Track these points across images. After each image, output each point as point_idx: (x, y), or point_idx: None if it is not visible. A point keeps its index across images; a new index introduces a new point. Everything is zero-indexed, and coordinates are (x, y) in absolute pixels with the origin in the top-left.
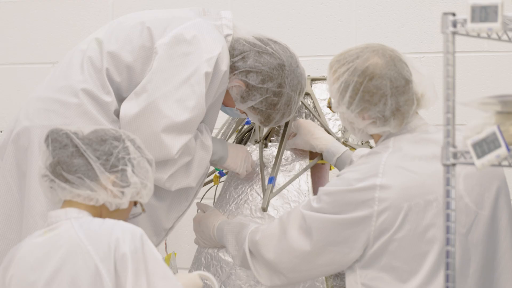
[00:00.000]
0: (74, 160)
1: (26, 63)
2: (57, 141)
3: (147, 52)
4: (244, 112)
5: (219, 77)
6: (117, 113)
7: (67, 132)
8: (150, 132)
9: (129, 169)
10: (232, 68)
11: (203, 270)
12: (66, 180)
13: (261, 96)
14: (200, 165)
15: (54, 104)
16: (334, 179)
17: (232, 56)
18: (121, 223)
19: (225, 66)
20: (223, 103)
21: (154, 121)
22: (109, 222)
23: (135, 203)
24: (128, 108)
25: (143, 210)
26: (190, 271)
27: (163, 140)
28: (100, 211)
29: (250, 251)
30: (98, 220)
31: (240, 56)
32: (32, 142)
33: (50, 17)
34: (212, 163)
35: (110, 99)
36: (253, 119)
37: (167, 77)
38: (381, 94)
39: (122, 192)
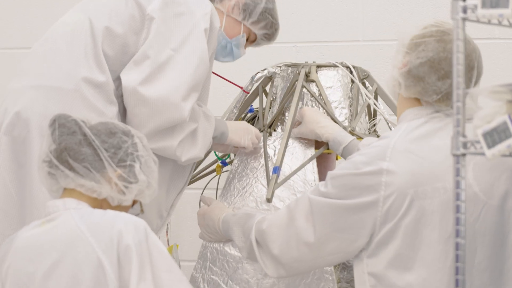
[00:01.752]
0: (82, 149)
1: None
2: (65, 126)
3: (137, 22)
4: (248, 41)
5: (215, 33)
6: (115, 93)
7: (75, 119)
8: (157, 96)
9: (137, 165)
10: None
11: (209, 265)
12: (71, 168)
13: None
14: (205, 135)
15: (50, 91)
16: (343, 163)
17: None
18: (123, 214)
19: (217, 22)
20: (229, 37)
21: (161, 85)
22: (110, 213)
23: (133, 203)
24: (131, 78)
25: (142, 211)
26: (195, 267)
27: (173, 101)
28: (101, 205)
29: (257, 241)
30: (99, 211)
31: None
32: (31, 132)
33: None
34: (215, 140)
35: (105, 78)
36: (260, 35)
37: (166, 40)
38: (430, 57)
39: (127, 188)
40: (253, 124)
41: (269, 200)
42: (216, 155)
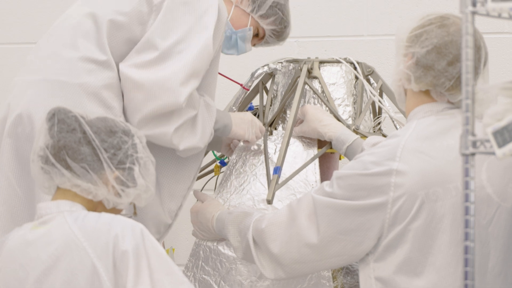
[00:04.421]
0: (81, 148)
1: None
2: (65, 123)
3: (144, 15)
4: (256, 35)
5: (222, 24)
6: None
7: (76, 115)
8: (154, 81)
9: (136, 168)
10: None
11: (201, 264)
12: (68, 167)
13: None
14: (204, 124)
15: (54, 85)
16: (351, 162)
17: None
18: (119, 218)
19: (225, 12)
20: (234, 28)
21: (159, 70)
22: (106, 217)
23: None
24: (128, 63)
25: (135, 213)
26: (187, 265)
27: (169, 86)
28: (95, 207)
29: (255, 241)
30: (93, 215)
31: None
32: (35, 129)
33: None
34: (217, 132)
35: (111, 72)
36: (268, 31)
37: (170, 28)
38: (436, 44)
39: (124, 191)
40: None
41: (269, 202)
42: (215, 155)
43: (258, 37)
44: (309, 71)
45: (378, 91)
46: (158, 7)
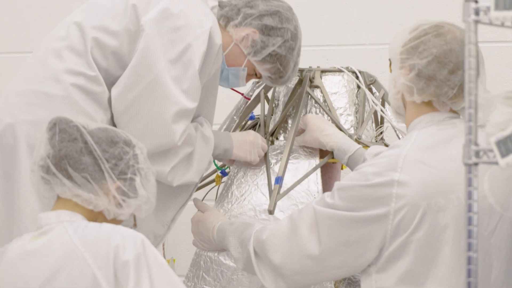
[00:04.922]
0: (82, 158)
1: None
2: (66, 132)
3: (132, 34)
4: (253, 74)
5: (214, 51)
6: (108, 100)
7: (77, 125)
8: (150, 116)
9: (138, 179)
10: (240, 18)
11: (202, 274)
12: (69, 177)
13: (282, 38)
14: (201, 159)
15: (38, 97)
16: (352, 173)
17: (237, 13)
18: (120, 228)
19: (219, 39)
20: (227, 65)
21: (154, 105)
22: (106, 227)
23: None
24: (120, 94)
25: (135, 224)
26: (187, 275)
27: (165, 124)
28: (96, 217)
29: (255, 252)
30: (94, 225)
31: (247, 6)
32: (18, 139)
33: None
34: (218, 157)
35: (97, 85)
36: (264, 76)
37: (158, 56)
38: (436, 53)
39: (125, 202)
40: None
41: (271, 212)
42: (216, 165)
43: (256, 76)
44: (311, 80)
45: (380, 100)
46: (143, 28)
